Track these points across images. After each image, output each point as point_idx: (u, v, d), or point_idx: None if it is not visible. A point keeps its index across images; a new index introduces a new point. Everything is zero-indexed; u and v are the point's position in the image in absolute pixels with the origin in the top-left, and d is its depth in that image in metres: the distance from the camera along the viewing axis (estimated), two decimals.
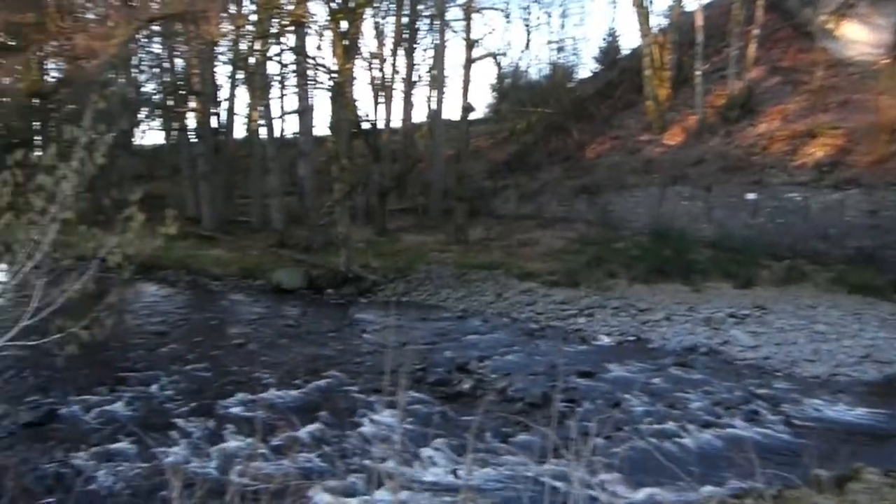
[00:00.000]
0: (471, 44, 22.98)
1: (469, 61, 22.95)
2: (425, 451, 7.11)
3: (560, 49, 33.51)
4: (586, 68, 34.83)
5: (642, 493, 6.20)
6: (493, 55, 30.43)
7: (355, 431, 7.87)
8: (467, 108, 22.95)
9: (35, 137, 29.28)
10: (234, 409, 8.52)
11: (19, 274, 3.95)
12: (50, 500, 5.88)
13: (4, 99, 29.09)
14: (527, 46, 38.23)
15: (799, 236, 16.41)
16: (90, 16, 26.13)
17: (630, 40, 65.88)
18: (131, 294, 16.65)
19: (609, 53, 33.16)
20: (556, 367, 10.13)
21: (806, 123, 18.33)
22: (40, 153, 4.23)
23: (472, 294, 16.28)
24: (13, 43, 25.55)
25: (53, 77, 28.95)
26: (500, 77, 35.88)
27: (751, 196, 17.45)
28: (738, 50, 20.52)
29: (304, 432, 7.49)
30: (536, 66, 48.94)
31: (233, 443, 7.36)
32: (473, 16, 25.38)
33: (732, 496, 5.01)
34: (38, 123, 29.99)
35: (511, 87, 35.46)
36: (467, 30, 23.11)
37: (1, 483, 5.82)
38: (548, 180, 23.31)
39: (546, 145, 25.52)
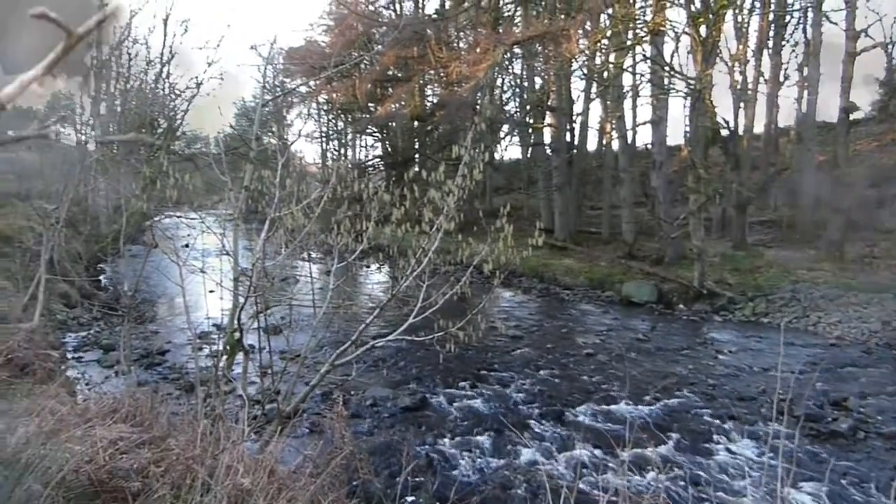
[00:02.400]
0: (854, 35, 20.17)
1: (851, 55, 20.18)
2: (790, 494, 6.35)
3: None
4: None
5: None
6: (883, 45, 26.40)
7: (708, 459, 7.38)
8: (849, 108, 20.22)
9: (414, 156, 33.72)
10: (583, 418, 8.62)
11: (409, 277, 4.51)
12: (420, 479, 6.51)
13: (392, 123, 34.09)
14: None
15: None
16: (463, 45, 29.17)
17: None
18: (492, 298, 18.02)
19: None
20: None
21: None
22: (417, 169, 4.78)
23: (849, 319, 14.31)
24: (401, 74, 29.84)
25: (430, 102, 33.09)
26: (891, 69, 31.00)
27: None
28: None
29: (653, 451, 7.23)
30: None
31: (582, 451, 7.42)
32: (859, 3, 22.26)
33: None
34: (417, 143, 34.55)
35: None
36: (849, 19, 20.34)
37: (389, 456, 6.72)
38: None
39: None
